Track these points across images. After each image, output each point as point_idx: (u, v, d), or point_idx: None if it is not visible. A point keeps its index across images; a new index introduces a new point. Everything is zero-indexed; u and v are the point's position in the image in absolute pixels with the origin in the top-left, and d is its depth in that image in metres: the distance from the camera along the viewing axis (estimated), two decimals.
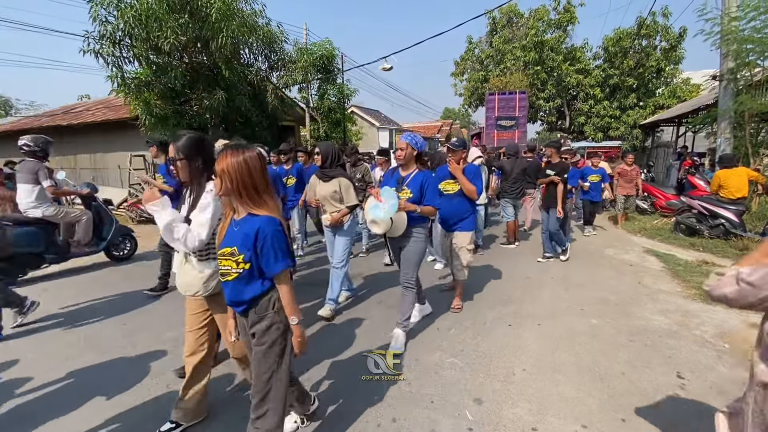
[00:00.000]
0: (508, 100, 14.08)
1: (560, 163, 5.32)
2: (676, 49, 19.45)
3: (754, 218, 6.81)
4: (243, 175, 1.52)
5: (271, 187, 1.63)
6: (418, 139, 2.98)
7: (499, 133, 14.11)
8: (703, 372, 2.64)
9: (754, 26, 7.13)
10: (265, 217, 1.55)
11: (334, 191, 3.38)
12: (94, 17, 7.61)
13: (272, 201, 1.60)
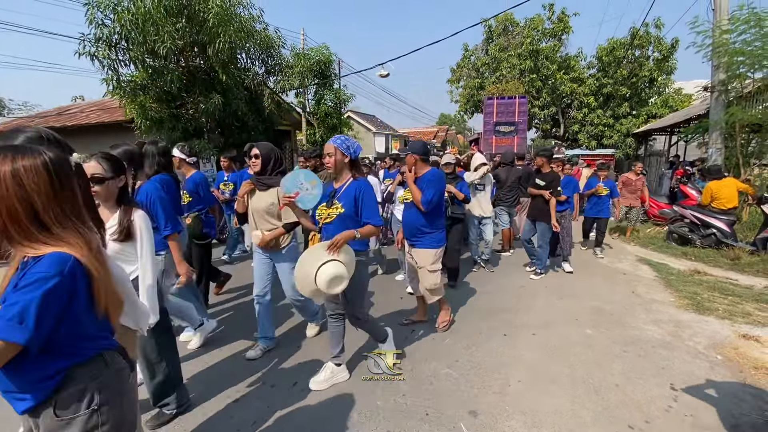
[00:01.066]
0: (508, 104, 13.35)
1: (550, 174, 5.03)
2: (669, 60, 19.75)
3: (744, 228, 6.90)
4: (7, 197, 0.92)
5: (84, 213, 1.05)
6: (351, 142, 2.46)
7: (497, 139, 13.38)
8: (696, 384, 2.65)
9: (744, 39, 7.29)
10: (46, 260, 0.94)
11: (270, 204, 2.74)
12: (91, 20, 7.57)
13: (74, 235, 0.99)
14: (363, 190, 2.40)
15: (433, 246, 3.18)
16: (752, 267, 5.34)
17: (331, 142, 2.41)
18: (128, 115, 9.11)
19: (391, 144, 27.99)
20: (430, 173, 3.20)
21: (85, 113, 13.68)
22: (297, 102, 14.82)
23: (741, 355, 3.04)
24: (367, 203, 2.38)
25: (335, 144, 2.39)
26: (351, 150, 2.43)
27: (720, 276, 5.12)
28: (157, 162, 2.89)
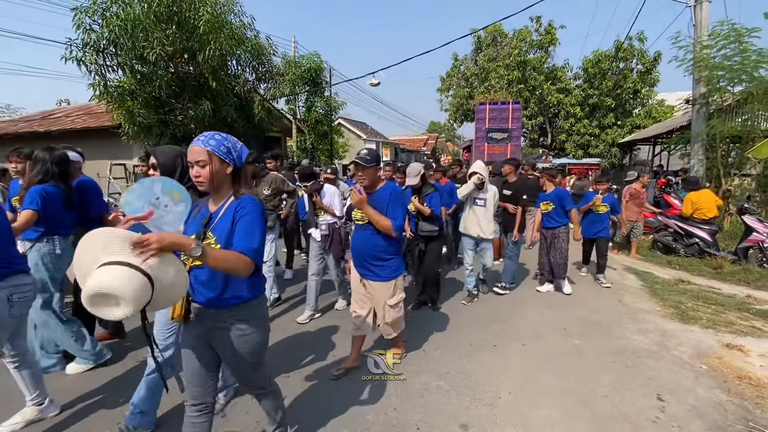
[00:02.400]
0: (501, 110, 12.58)
1: (516, 182, 4.89)
2: (652, 72, 20.33)
3: (726, 237, 7.09)
4: None
5: None
6: (232, 142, 1.60)
7: (490, 146, 12.59)
8: (683, 394, 2.69)
9: (724, 54, 7.56)
10: None
11: None
12: (78, 25, 7.48)
13: None
14: (247, 208, 1.54)
15: (391, 277, 2.68)
16: (734, 276, 5.48)
17: (200, 144, 1.51)
18: (115, 120, 9.00)
19: (382, 151, 28.09)
20: (389, 189, 2.66)
21: (70, 118, 13.45)
22: (288, 109, 14.82)
23: (725, 365, 3.10)
24: (244, 226, 1.50)
25: (209, 147, 1.51)
26: (234, 154, 1.58)
27: (703, 285, 5.23)
28: (45, 170, 2.56)
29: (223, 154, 1.54)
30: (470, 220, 4.32)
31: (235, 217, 1.53)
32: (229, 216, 1.55)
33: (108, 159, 10.27)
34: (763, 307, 4.38)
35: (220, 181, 1.57)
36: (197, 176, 1.53)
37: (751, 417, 2.45)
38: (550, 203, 4.70)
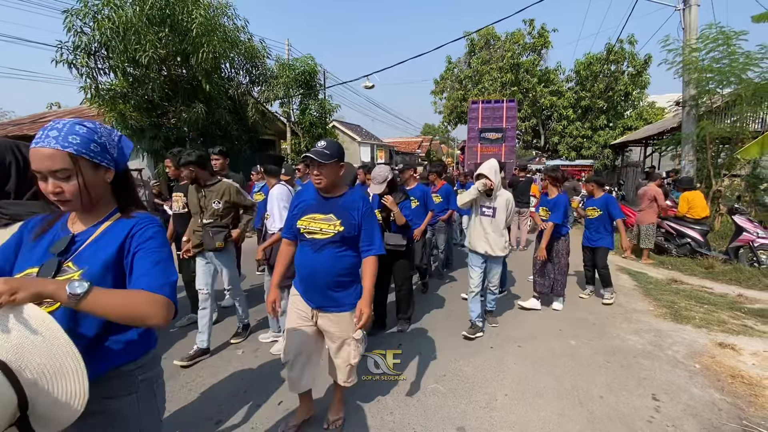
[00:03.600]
0: (495, 109, 11.87)
1: None
2: (642, 75, 20.57)
3: (717, 237, 7.17)
4: None
5: None
6: (105, 134, 1.07)
7: (483, 147, 11.88)
8: (677, 393, 2.71)
9: (713, 57, 7.67)
10: None
11: None
12: (69, 27, 7.41)
13: None
14: (148, 231, 1.08)
15: (355, 303, 2.03)
16: (725, 275, 5.54)
17: (55, 145, 0.97)
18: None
19: (377, 153, 28.11)
20: (355, 194, 2.09)
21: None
22: (282, 112, 14.78)
23: (718, 364, 3.13)
24: (151, 254, 1.05)
25: (70, 148, 0.98)
26: (112, 152, 1.08)
27: (696, 285, 5.29)
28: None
29: (94, 155, 1.02)
30: (476, 233, 3.58)
31: (130, 244, 1.05)
32: (111, 242, 1.05)
33: None
34: (754, 306, 4.43)
35: (98, 195, 1.06)
36: (57, 192, 0.99)
37: (744, 415, 2.47)
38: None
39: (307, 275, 2.05)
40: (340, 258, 2.01)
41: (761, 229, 5.84)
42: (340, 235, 1.96)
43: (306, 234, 2.01)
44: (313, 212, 2.02)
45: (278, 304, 2.17)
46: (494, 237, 3.51)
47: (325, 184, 1.97)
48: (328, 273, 2.00)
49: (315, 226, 1.99)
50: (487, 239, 3.53)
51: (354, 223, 1.99)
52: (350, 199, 2.04)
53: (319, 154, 1.91)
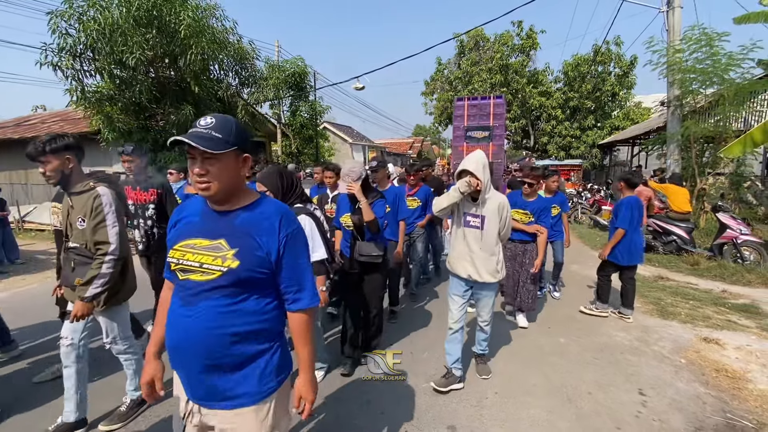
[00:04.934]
0: (481, 106, 11.06)
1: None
2: (628, 76, 20.95)
3: (702, 234, 7.32)
4: None
5: None
6: None
7: (469, 146, 10.94)
8: (663, 388, 2.76)
9: (696, 58, 7.83)
10: None
11: None
12: (53, 29, 7.29)
13: None
14: None
15: (267, 390, 1.23)
16: (710, 272, 5.66)
17: None
18: (93, 126, 8.79)
19: (368, 155, 28.13)
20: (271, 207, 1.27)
21: (46, 124, 13.08)
22: (272, 113, 14.73)
23: (703, 359, 3.19)
24: None
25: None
26: None
27: (681, 281, 5.39)
28: None
29: None
30: (457, 250, 2.71)
31: None
32: None
33: (86, 166, 9.97)
34: (737, 302, 4.53)
35: None
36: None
37: (728, 408, 2.53)
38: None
39: (174, 346, 1.20)
40: (230, 315, 1.16)
41: (744, 226, 5.98)
42: (233, 275, 1.13)
43: (179, 273, 1.19)
44: (193, 236, 1.20)
45: (159, 387, 1.31)
46: (482, 256, 2.61)
47: (215, 190, 1.15)
48: (209, 343, 1.15)
49: (193, 259, 1.17)
50: (471, 259, 2.62)
51: (260, 254, 1.16)
52: (260, 213, 1.21)
53: (203, 139, 1.11)
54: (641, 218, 3.95)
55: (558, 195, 4.53)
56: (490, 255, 2.64)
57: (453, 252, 2.77)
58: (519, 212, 3.76)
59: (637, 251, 3.93)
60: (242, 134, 1.22)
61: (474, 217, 2.64)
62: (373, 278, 2.97)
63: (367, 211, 2.72)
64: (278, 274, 1.23)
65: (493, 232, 2.63)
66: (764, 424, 2.37)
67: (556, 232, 4.49)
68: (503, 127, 11.15)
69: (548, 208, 3.83)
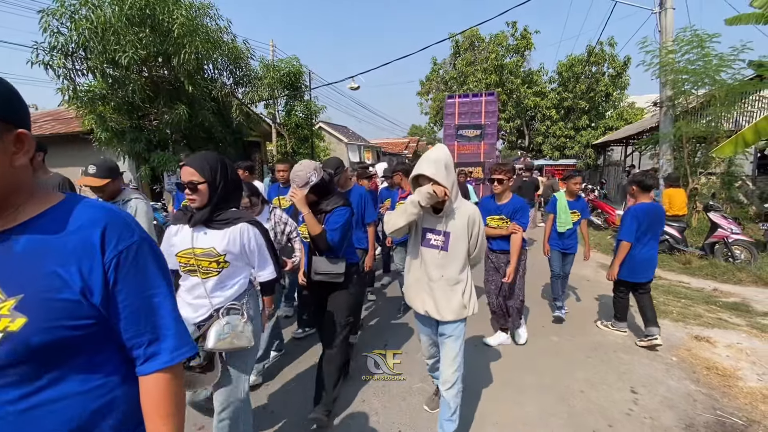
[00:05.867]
0: (472, 104, 10.68)
1: None
2: (622, 76, 21.12)
3: (694, 234, 7.39)
4: None
5: None
6: None
7: (460, 145, 10.68)
8: (654, 386, 2.79)
9: (688, 59, 7.90)
10: None
11: None
12: (45, 28, 7.21)
13: None
14: None
15: None
16: (702, 270, 5.72)
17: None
18: (86, 126, 8.71)
19: (364, 154, 28.11)
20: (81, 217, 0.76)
21: (38, 124, 12.92)
22: (267, 113, 14.67)
23: (694, 356, 3.23)
24: None
25: None
26: None
27: (673, 280, 5.44)
28: None
29: None
30: (413, 277, 2.15)
31: None
32: None
33: (79, 166, 9.89)
34: (728, 300, 4.58)
35: None
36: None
37: (718, 406, 2.56)
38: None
39: None
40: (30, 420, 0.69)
41: (735, 225, 6.04)
42: (16, 344, 0.67)
43: None
44: None
45: None
46: (444, 286, 2.03)
47: None
48: None
49: None
50: (430, 289, 2.05)
51: (68, 297, 0.72)
52: (61, 226, 0.74)
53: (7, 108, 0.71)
54: (656, 228, 3.42)
55: (579, 200, 4.04)
56: (454, 284, 2.03)
57: (408, 278, 2.17)
58: (494, 219, 3.27)
59: (640, 267, 3.41)
60: (11, 102, 0.71)
61: (435, 235, 2.03)
62: (335, 302, 2.41)
63: (311, 223, 2.22)
64: (114, 321, 0.77)
65: (459, 253, 2.02)
66: (754, 421, 2.41)
67: (573, 241, 3.99)
68: (495, 126, 10.81)
69: (525, 207, 3.28)
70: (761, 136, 5.71)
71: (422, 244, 2.07)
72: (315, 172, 2.23)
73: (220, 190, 1.66)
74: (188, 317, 1.68)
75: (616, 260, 3.46)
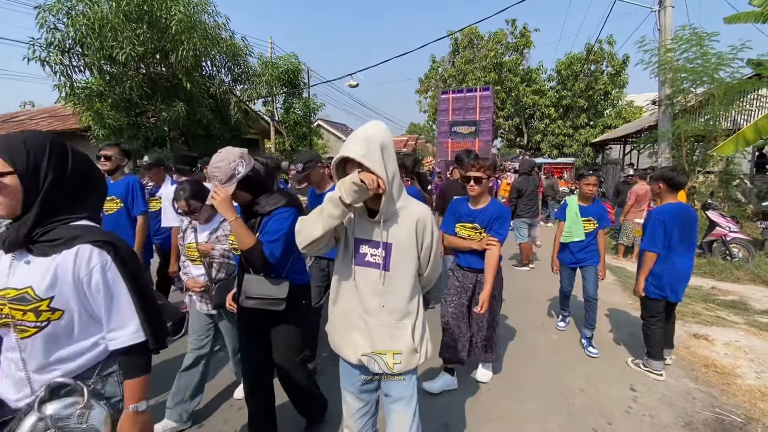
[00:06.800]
0: (467, 99, 10.37)
1: None
2: (621, 75, 21.17)
3: None
4: None
5: None
6: None
7: (454, 142, 10.34)
8: (653, 384, 2.79)
9: (686, 57, 7.90)
10: None
11: None
12: (41, 24, 7.17)
13: None
14: None
15: None
16: (699, 269, 5.73)
17: None
18: (83, 123, 8.67)
19: None
20: None
21: (34, 121, 12.86)
22: (265, 111, 14.62)
23: (692, 354, 3.24)
24: None
25: None
26: None
27: None
28: None
29: None
30: (341, 308, 1.52)
31: None
32: None
33: None
34: (726, 298, 4.60)
35: None
36: None
37: (717, 403, 2.57)
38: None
39: None
40: None
41: (733, 223, 6.06)
42: None
43: None
44: None
45: None
46: (385, 324, 1.44)
47: None
48: None
49: None
50: (366, 327, 1.46)
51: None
52: None
53: None
54: (690, 234, 2.81)
55: (595, 204, 3.39)
56: (400, 318, 1.43)
57: (334, 311, 1.53)
58: (465, 227, 2.57)
59: (666, 282, 2.77)
60: None
61: (372, 248, 1.42)
62: (276, 338, 1.91)
63: (240, 234, 1.68)
64: None
65: (407, 274, 1.42)
66: (752, 418, 2.41)
67: (589, 255, 3.35)
68: (491, 122, 10.37)
69: (505, 215, 2.51)
70: (761, 135, 5.72)
71: (355, 262, 1.43)
72: (242, 161, 1.72)
73: (46, 189, 1.02)
74: (8, 398, 1.06)
75: (641, 273, 2.86)
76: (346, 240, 1.47)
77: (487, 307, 2.41)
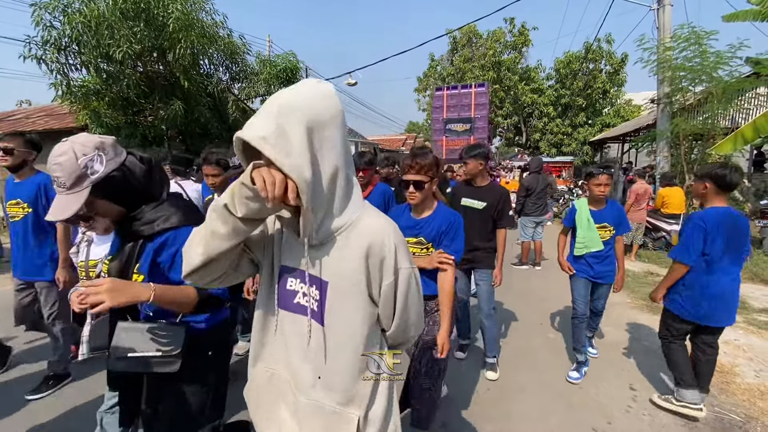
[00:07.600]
0: (462, 96, 10.04)
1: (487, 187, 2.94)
2: (619, 73, 21.16)
3: None
4: None
5: None
6: None
7: (449, 140, 10.15)
8: (653, 383, 2.79)
9: (685, 56, 7.91)
10: None
11: None
12: (37, 21, 7.11)
13: None
14: None
15: None
16: None
17: None
18: (80, 121, 8.62)
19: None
20: None
21: (31, 119, 12.79)
22: None
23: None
24: None
25: None
26: None
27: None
28: None
29: None
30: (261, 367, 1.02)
31: None
32: None
33: None
34: None
35: None
36: None
37: (716, 402, 2.57)
38: None
39: None
40: None
41: None
42: None
43: None
44: None
45: None
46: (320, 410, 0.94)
47: None
48: None
49: None
50: (295, 409, 0.96)
51: None
52: None
53: None
54: (739, 246, 2.29)
55: (610, 206, 2.87)
56: (343, 402, 0.96)
57: (254, 372, 1.04)
58: (408, 242, 1.87)
59: (712, 303, 2.28)
60: None
61: (301, 283, 0.94)
62: (170, 409, 1.33)
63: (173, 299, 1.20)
64: None
65: (350, 329, 0.95)
66: (752, 417, 2.41)
67: (608, 268, 2.87)
68: (486, 119, 10.10)
69: (457, 223, 1.93)
70: (760, 134, 5.72)
71: (279, 304, 0.96)
72: (99, 155, 1.16)
73: None
74: None
75: (663, 282, 2.46)
76: (272, 267, 0.97)
77: (445, 353, 1.77)
